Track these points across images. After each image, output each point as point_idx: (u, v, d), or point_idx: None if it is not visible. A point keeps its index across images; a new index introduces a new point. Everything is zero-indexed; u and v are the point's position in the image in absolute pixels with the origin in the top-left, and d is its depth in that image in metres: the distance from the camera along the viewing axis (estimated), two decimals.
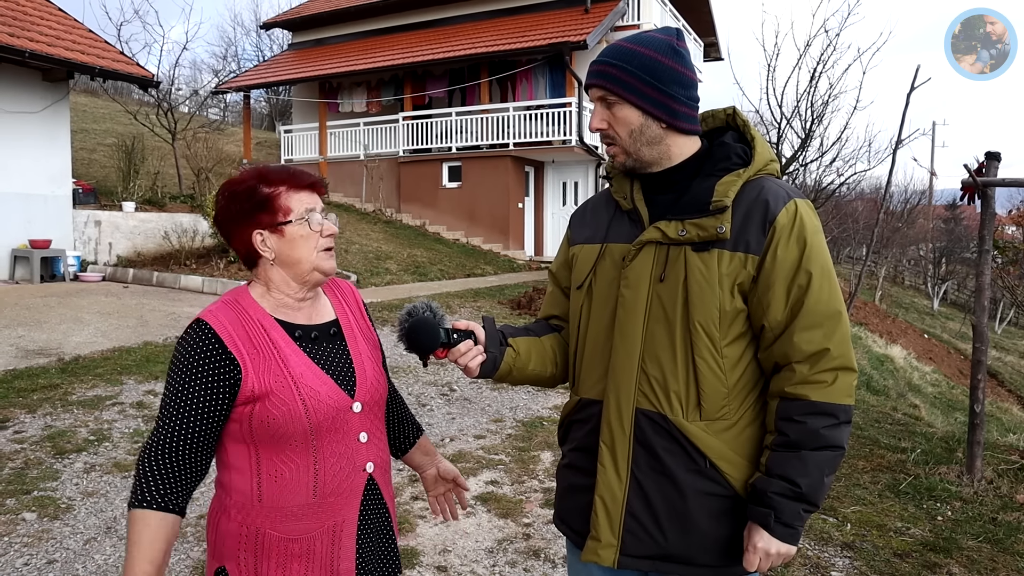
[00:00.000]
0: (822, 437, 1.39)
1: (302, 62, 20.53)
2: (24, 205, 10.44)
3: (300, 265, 1.49)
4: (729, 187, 1.44)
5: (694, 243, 1.44)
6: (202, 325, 1.43)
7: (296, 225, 1.47)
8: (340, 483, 1.49)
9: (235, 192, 1.48)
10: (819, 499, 1.41)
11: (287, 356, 1.46)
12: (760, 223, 1.42)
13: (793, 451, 1.40)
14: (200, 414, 1.40)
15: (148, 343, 7.09)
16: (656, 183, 1.54)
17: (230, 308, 1.48)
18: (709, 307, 1.43)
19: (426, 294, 10.73)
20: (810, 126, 12.25)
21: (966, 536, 3.68)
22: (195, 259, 11.40)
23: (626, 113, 1.47)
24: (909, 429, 5.77)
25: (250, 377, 1.42)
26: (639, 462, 1.48)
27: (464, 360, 1.54)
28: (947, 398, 12.13)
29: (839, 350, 1.41)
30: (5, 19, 10.02)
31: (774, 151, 12.71)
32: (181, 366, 1.41)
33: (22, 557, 3.21)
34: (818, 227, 1.46)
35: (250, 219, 1.47)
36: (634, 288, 1.49)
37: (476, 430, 5.29)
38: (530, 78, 17.36)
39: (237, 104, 30.46)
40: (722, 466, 1.45)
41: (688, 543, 1.46)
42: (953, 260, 29.95)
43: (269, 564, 1.44)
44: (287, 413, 1.42)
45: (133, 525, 1.35)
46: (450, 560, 3.36)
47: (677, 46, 1.48)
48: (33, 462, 4.23)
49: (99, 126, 20.78)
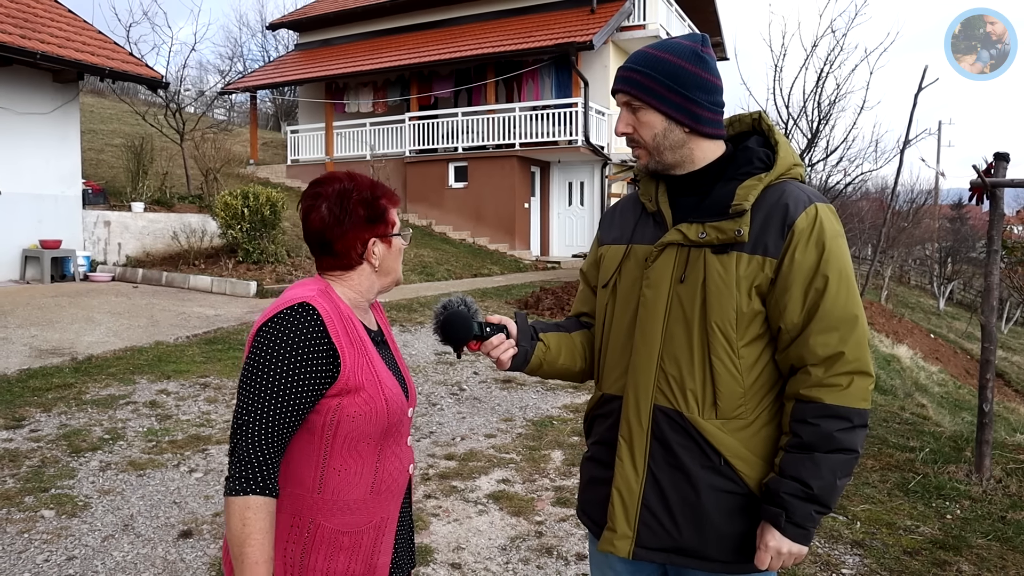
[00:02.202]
0: (835, 440, 1.41)
1: (308, 63, 20.59)
2: (35, 206, 10.51)
3: (392, 275, 1.59)
4: (750, 191, 1.47)
5: (713, 246, 1.47)
6: (308, 309, 1.41)
7: (398, 238, 1.57)
8: (393, 481, 1.54)
9: (361, 198, 1.50)
10: (831, 501, 1.43)
11: (372, 355, 1.50)
12: (779, 227, 1.45)
13: (806, 453, 1.42)
14: (301, 399, 1.39)
15: (159, 343, 7.14)
16: (681, 186, 1.58)
17: (327, 298, 1.48)
18: (726, 308, 1.46)
19: (433, 294, 10.77)
20: (817, 126, 12.25)
21: (975, 534, 3.70)
22: (204, 259, 11.46)
23: (650, 118, 1.51)
24: (917, 428, 5.78)
25: (347, 370, 1.43)
26: (656, 457, 1.52)
27: (496, 352, 1.60)
28: (954, 398, 12.12)
29: (854, 354, 1.43)
30: (17, 21, 10.09)
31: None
32: (284, 347, 1.38)
33: (42, 553, 3.26)
34: (838, 231, 1.48)
35: (368, 227, 1.51)
36: (655, 288, 1.53)
37: (486, 429, 5.33)
38: (536, 78, 17.39)
39: (243, 105, 30.58)
40: (737, 464, 1.48)
41: (701, 538, 1.50)
42: (959, 260, 29.90)
43: (317, 556, 1.46)
44: (372, 411, 1.45)
45: (251, 512, 1.33)
46: (464, 557, 3.39)
47: (702, 52, 1.51)
48: (50, 460, 4.28)
49: (107, 126, 20.87)
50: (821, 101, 12.15)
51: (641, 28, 17.73)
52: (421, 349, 7.76)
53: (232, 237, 11.09)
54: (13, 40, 9.39)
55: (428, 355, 7.49)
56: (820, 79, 12.04)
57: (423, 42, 18.72)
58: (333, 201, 1.50)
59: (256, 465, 1.35)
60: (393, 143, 18.55)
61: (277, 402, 1.37)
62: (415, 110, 18.35)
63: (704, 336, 1.47)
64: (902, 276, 32.44)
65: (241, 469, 1.35)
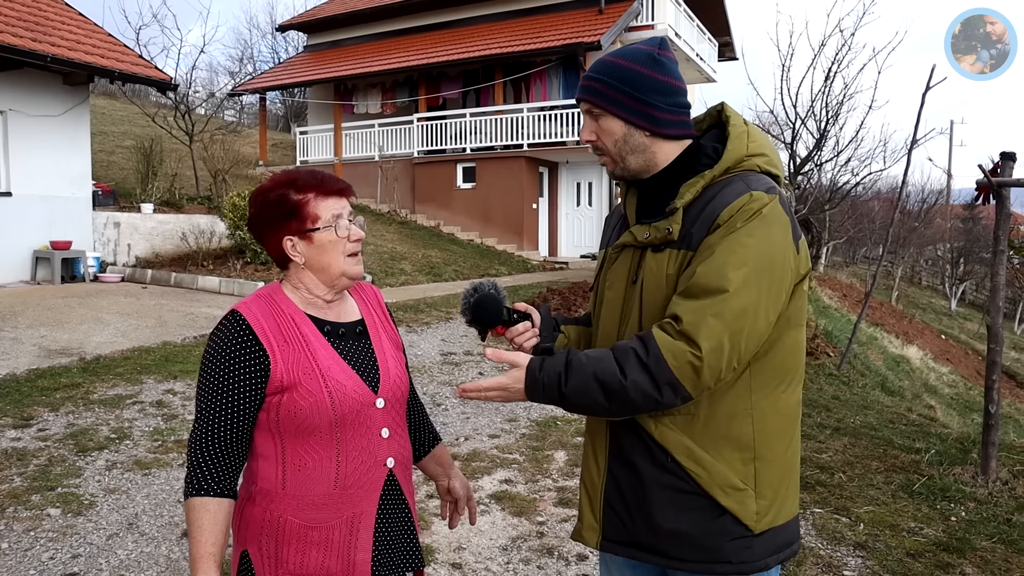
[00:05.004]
0: (626, 355, 1.37)
1: (317, 64, 20.67)
2: (46, 207, 10.60)
3: (329, 270, 1.56)
4: (688, 189, 1.48)
5: (654, 245, 1.50)
6: (236, 316, 1.50)
7: (324, 232, 1.53)
8: (361, 476, 1.54)
9: (266, 199, 1.55)
10: (569, 393, 1.39)
11: (316, 350, 1.52)
12: (708, 220, 1.43)
13: (600, 354, 1.40)
14: (238, 401, 1.47)
15: (167, 343, 7.19)
16: (647, 188, 1.60)
17: (264, 301, 1.55)
18: (659, 306, 1.47)
19: (440, 295, 10.79)
20: (825, 126, 12.20)
21: (980, 537, 3.68)
22: (212, 260, 11.53)
23: (610, 124, 1.53)
24: (924, 430, 5.75)
25: (279, 367, 1.48)
26: (614, 454, 1.56)
27: (520, 340, 1.63)
28: (964, 399, 12.03)
29: (692, 317, 1.35)
30: (28, 24, 10.19)
31: (786, 152, 12.41)
32: (217, 355, 1.48)
33: (48, 551, 3.29)
34: (766, 217, 1.40)
35: (281, 225, 1.53)
36: (613, 290, 1.59)
37: (490, 429, 5.34)
38: (544, 79, 17.40)
39: (253, 106, 30.69)
40: (684, 461, 1.46)
41: (654, 534, 1.51)
42: (971, 260, 29.62)
43: (289, 550, 1.50)
44: (313, 404, 1.48)
45: (193, 512, 1.41)
46: (464, 557, 3.40)
47: (658, 55, 1.51)
48: (57, 459, 4.32)
49: (117, 128, 21.02)
50: (829, 101, 12.10)
51: (649, 28, 17.69)
52: (427, 349, 7.77)
53: (240, 238, 11.15)
54: (24, 43, 9.48)
55: (434, 355, 7.51)
56: (828, 79, 11.99)
57: (431, 43, 18.76)
58: (254, 204, 1.57)
59: (197, 468, 1.45)
60: (401, 144, 18.60)
61: (216, 407, 1.46)
62: (423, 111, 18.39)
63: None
64: (913, 277, 32.22)
65: (187, 474, 1.46)
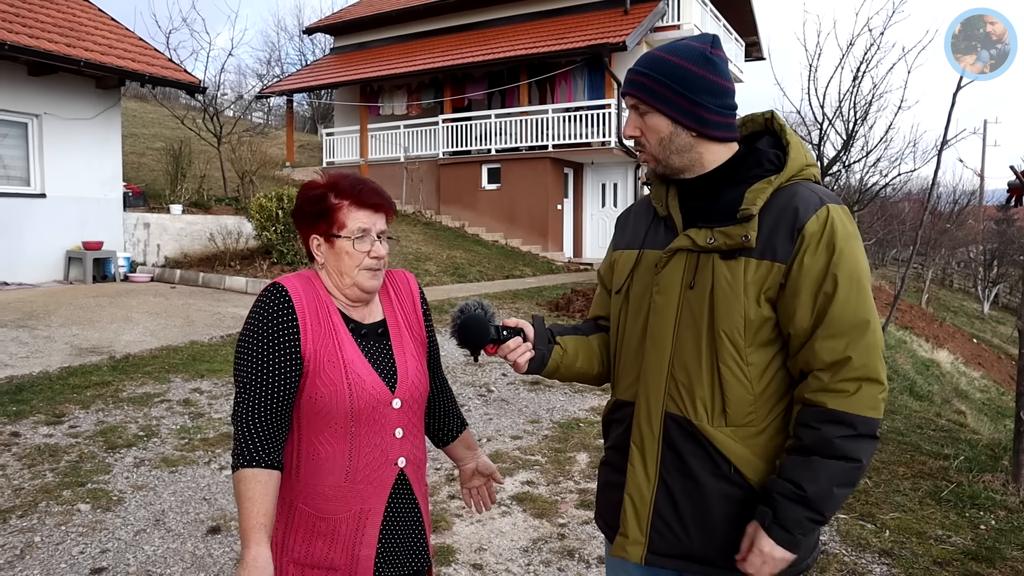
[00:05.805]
0: (836, 446, 1.37)
1: (343, 66, 20.84)
2: (78, 208, 10.81)
3: (342, 277, 1.59)
4: (758, 195, 1.45)
5: (722, 251, 1.45)
6: (276, 286, 1.55)
7: (345, 241, 1.56)
8: (372, 472, 1.57)
9: (308, 195, 1.60)
10: (825, 509, 1.39)
11: (342, 340, 1.56)
12: (788, 231, 1.42)
13: (805, 456, 1.39)
14: (281, 369, 1.49)
15: (194, 342, 7.30)
16: (691, 189, 1.56)
17: (304, 281, 1.60)
18: (734, 315, 1.44)
19: (465, 295, 10.82)
20: (853, 126, 12.03)
21: (1010, 546, 3.61)
22: (239, 260, 11.67)
23: (656, 121, 1.50)
24: (953, 435, 5.65)
25: (308, 340, 1.51)
26: (667, 464, 1.51)
27: (513, 356, 1.60)
28: (996, 404, 11.80)
29: (862, 360, 1.39)
30: (63, 30, 10.40)
31: (814, 153, 12.27)
32: (257, 323, 1.51)
33: (78, 546, 3.36)
34: (852, 233, 1.44)
35: (313, 224, 1.59)
36: (666, 294, 1.52)
37: (513, 431, 5.34)
38: (569, 80, 17.37)
39: (280, 108, 31.03)
40: (747, 472, 1.46)
41: (711, 545, 1.48)
42: (1005, 262, 29.01)
43: (296, 537, 1.54)
44: (333, 393, 1.51)
45: (244, 484, 1.42)
46: (485, 559, 3.41)
47: (710, 54, 1.48)
48: (87, 456, 4.41)
49: (148, 130, 21.36)
50: (857, 101, 11.93)
51: (675, 28, 17.59)
52: (450, 350, 7.78)
53: (267, 239, 11.27)
54: (59, 48, 9.68)
55: (457, 356, 7.53)
56: (856, 79, 11.82)
57: (456, 45, 18.83)
58: (300, 195, 1.62)
59: (244, 440, 1.45)
60: (427, 145, 18.68)
61: (257, 375, 1.48)
62: (448, 112, 18.45)
63: (712, 343, 1.46)
64: (944, 279, 31.66)
65: (234, 447, 1.47)
